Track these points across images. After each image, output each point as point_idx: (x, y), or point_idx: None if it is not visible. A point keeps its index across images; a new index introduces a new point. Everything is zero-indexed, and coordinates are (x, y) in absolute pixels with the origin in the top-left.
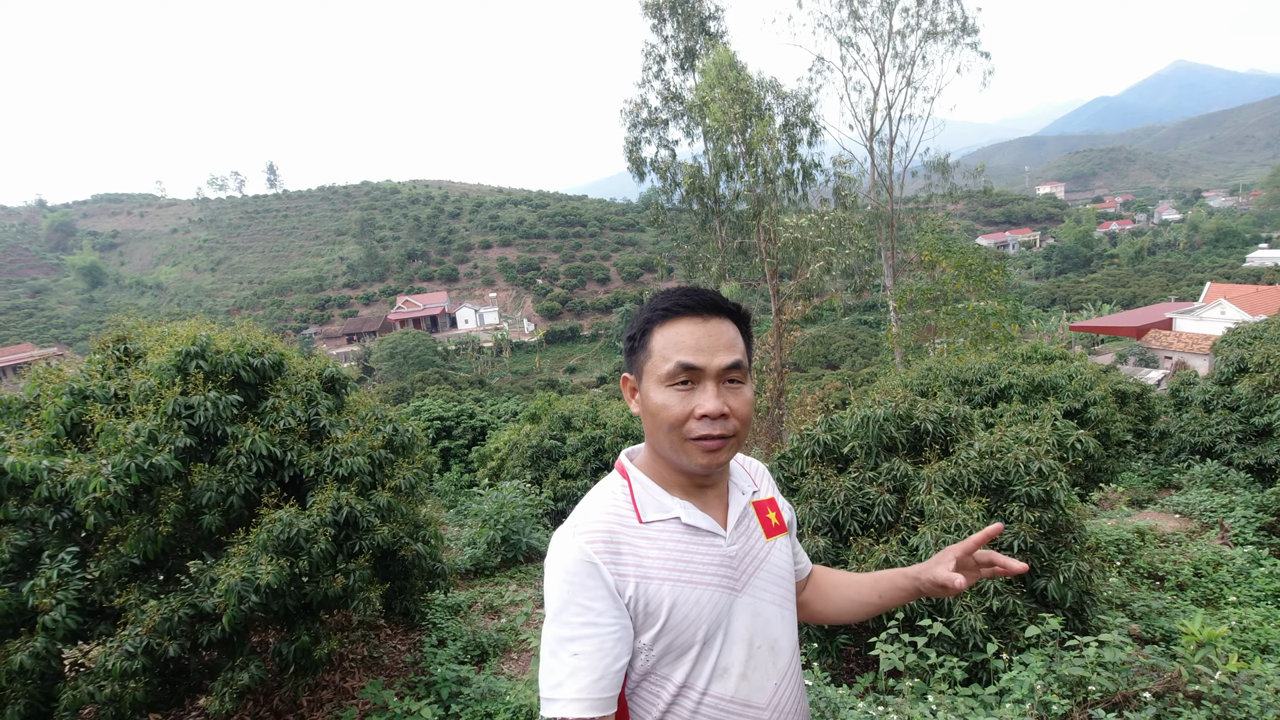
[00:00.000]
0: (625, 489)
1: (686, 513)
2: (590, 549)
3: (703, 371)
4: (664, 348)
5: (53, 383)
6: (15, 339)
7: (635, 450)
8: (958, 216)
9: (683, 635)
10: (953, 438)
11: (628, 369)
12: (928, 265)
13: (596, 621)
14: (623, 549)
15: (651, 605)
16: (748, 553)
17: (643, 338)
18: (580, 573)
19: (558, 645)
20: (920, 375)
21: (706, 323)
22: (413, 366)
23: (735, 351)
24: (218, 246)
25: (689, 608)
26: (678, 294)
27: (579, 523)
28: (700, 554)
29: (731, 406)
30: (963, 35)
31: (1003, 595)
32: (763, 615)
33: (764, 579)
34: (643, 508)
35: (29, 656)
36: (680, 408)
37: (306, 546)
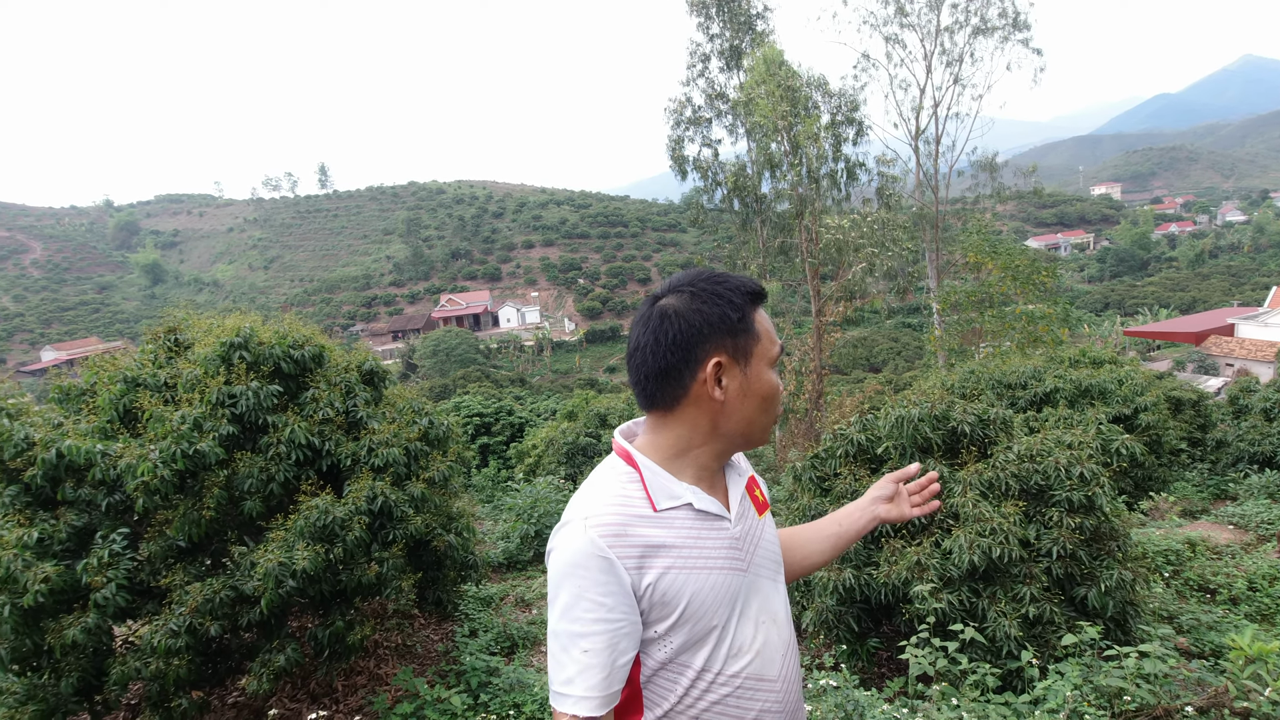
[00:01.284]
0: (634, 476)
1: (697, 499)
2: (603, 542)
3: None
4: (766, 331)
5: (108, 371)
6: (83, 332)
7: (629, 432)
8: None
9: (702, 621)
10: (991, 440)
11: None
12: (973, 267)
13: (608, 617)
14: (637, 540)
15: (669, 595)
16: (748, 532)
17: (744, 321)
18: (593, 567)
19: (569, 641)
20: (962, 378)
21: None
22: (455, 364)
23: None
24: (271, 245)
25: (707, 593)
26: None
27: (589, 514)
28: (711, 539)
29: None
30: (1014, 31)
31: (1040, 602)
32: (763, 591)
33: (762, 556)
34: (655, 496)
35: (81, 631)
36: (780, 389)
37: (342, 534)
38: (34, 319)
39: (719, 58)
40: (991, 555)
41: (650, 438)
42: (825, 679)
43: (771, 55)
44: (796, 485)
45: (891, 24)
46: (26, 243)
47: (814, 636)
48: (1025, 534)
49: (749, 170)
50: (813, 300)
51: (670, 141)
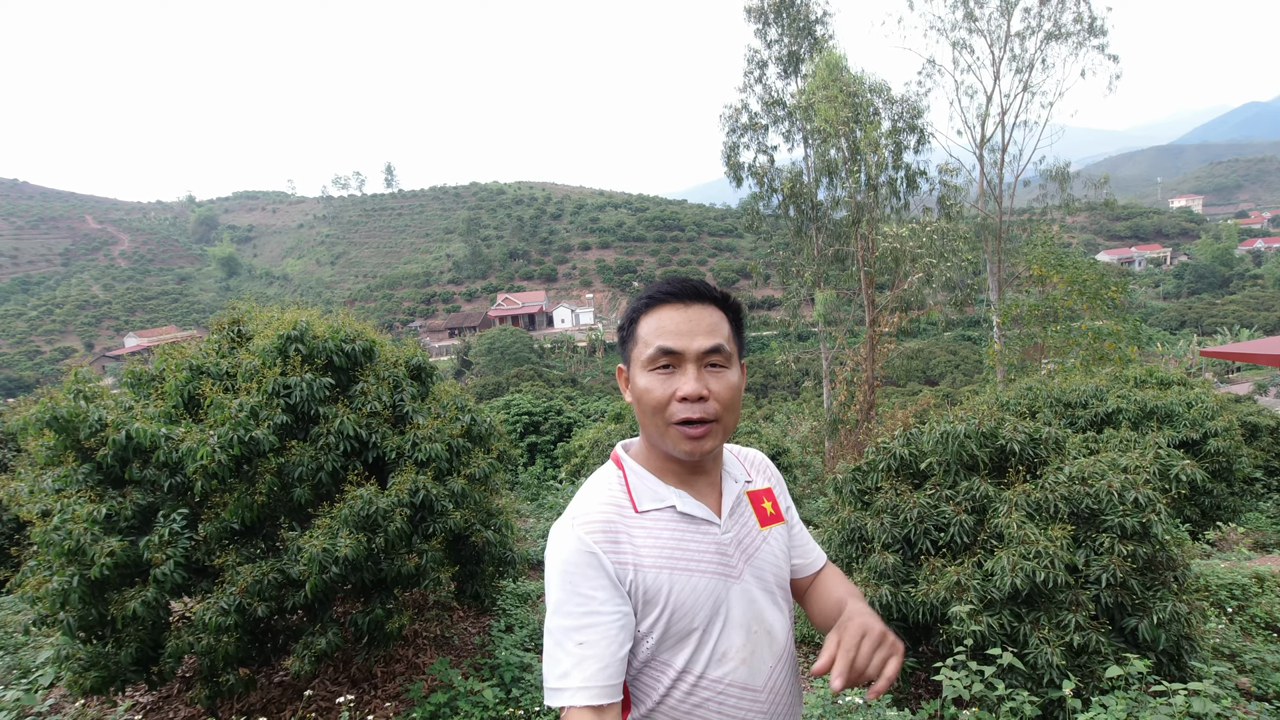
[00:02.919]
0: (620, 479)
1: (681, 501)
2: (590, 539)
3: (682, 355)
4: (647, 334)
5: (175, 359)
6: (163, 321)
7: (630, 442)
8: (1076, 230)
9: (681, 622)
10: (1041, 460)
11: (622, 360)
12: (1038, 280)
13: (599, 610)
14: (621, 538)
15: (650, 593)
16: (741, 540)
17: (630, 327)
18: (581, 563)
19: (562, 636)
20: (1019, 394)
21: (688, 309)
22: (509, 362)
23: (716, 336)
24: (338, 242)
25: (686, 595)
26: (662, 283)
27: (577, 514)
28: (696, 542)
29: (712, 389)
30: (1089, 37)
31: (1085, 631)
32: (757, 602)
33: (758, 566)
34: (638, 497)
35: (141, 605)
36: (661, 390)
37: (384, 524)
38: (120, 307)
39: (776, 64)
40: (1035, 579)
41: (638, 445)
42: (856, 696)
43: (833, 60)
44: (837, 498)
45: (959, 29)
46: (116, 235)
47: None
48: (1073, 559)
49: (805, 177)
50: (867, 310)
51: (725, 148)
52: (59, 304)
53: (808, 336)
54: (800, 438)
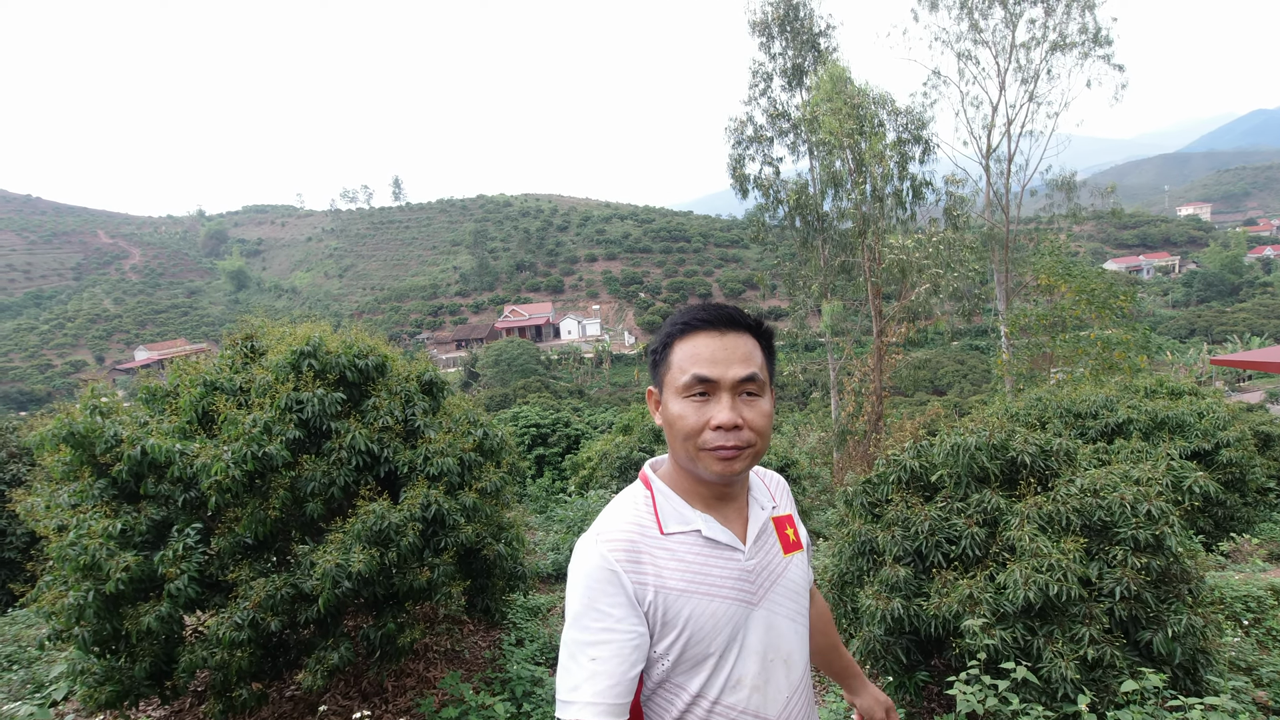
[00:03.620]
0: (648, 499)
1: (707, 526)
2: (612, 556)
3: (718, 383)
4: (681, 360)
5: (189, 374)
6: (173, 334)
7: (659, 461)
8: (1084, 239)
9: (698, 646)
10: (1053, 472)
11: (652, 382)
12: (1045, 289)
13: (615, 628)
14: (643, 558)
15: (669, 615)
16: (765, 567)
17: (663, 352)
18: (601, 579)
19: (576, 649)
20: (1028, 405)
21: (723, 336)
22: (516, 374)
23: (751, 364)
24: (346, 254)
25: (706, 619)
26: (697, 309)
27: (602, 530)
28: (719, 567)
29: (746, 418)
30: (1094, 47)
31: (1100, 645)
32: (777, 629)
33: (780, 594)
34: (664, 519)
35: (155, 619)
36: (696, 418)
37: (396, 539)
38: (130, 320)
39: (781, 76)
40: (1049, 592)
41: (667, 466)
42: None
43: (836, 73)
44: (847, 510)
45: (964, 40)
46: (127, 249)
47: (860, 665)
48: (1086, 572)
49: (811, 188)
50: (874, 320)
51: (731, 160)
52: (70, 317)
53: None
54: (808, 449)
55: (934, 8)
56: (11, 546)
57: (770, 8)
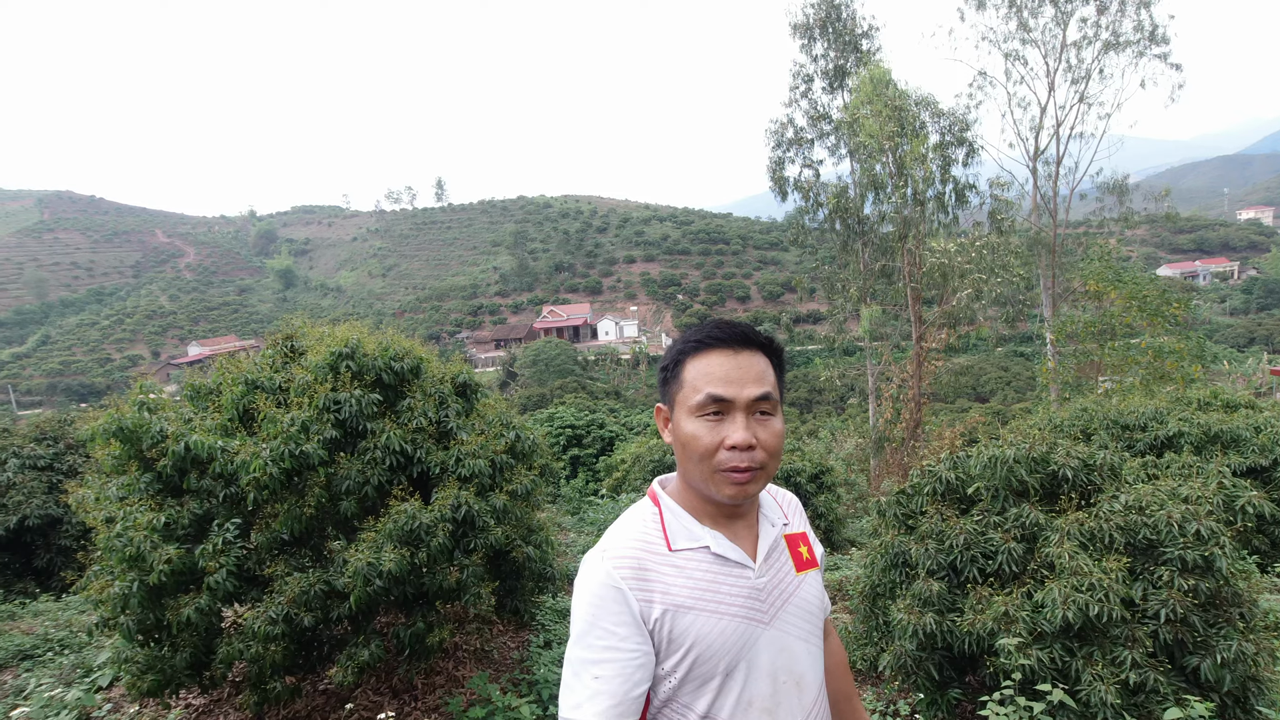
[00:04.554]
0: (656, 516)
1: (716, 542)
2: (617, 574)
3: (732, 403)
4: (695, 379)
5: (232, 373)
6: (224, 330)
7: (668, 478)
8: (1136, 243)
9: (705, 665)
10: (1096, 487)
11: (661, 399)
12: (1094, 296)
13: (619, 646)
14: (650, 576)
15: (676, 633)
16: (776, 585)
17: (675, 369)
18: (606, 597)
19: (580, 667)
20: (1073, 415)
21: (737, 355)
22: (553, 374)
23: (765, 384)
24: (389, 254)
25: (713, 638)
26: (710, 326)
27: (608, 547)
28: (728, 585)
29: (760, 438)
30: (1150, 45)
31: (1143, 669)
32: (789, 650)
33: (792, 613)
34: (672, 535)
35: (195, 611)
36: (710, 438)
37: (426, 539)
38: (184, 317)
39: (822, 78)
40: (1089, 613)
41: (675, 483)
42: None
43: (878, 75)
44: (880, 521)
45: (1012, 40)
46: (183, 248)
47: (890, 681)
48: (1129, 592)
49: (851, 192)
50: (914, 326)
51: (771, 162)
52: (129, 314)
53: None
54: (845, 455)
55: (981, 7)
56: (67, 535)
57: (811, 9)
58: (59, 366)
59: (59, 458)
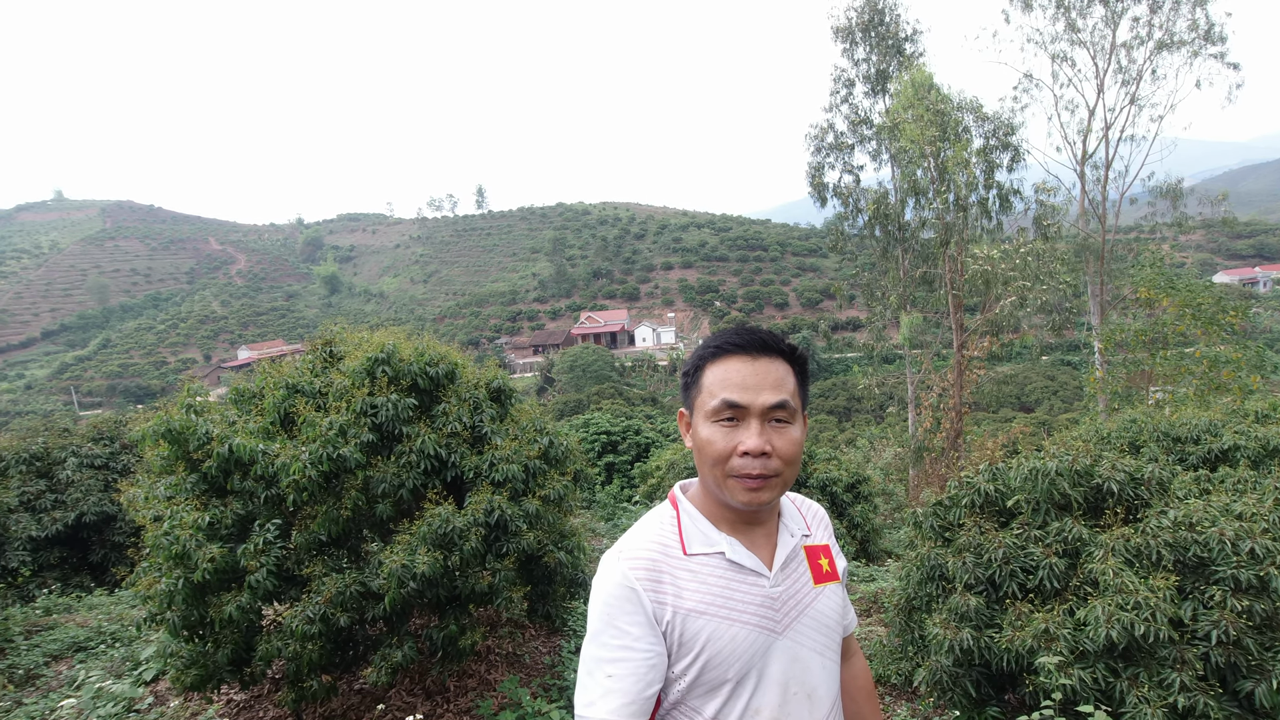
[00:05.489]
0: (673, 519)
1: (731, 549)
2: (632, 575)
3: (747, 409)
4: (712, 384)
5: (274, 377)
6: (272, 335)
7: (690, 483)
8: (1190, 249)
9: (715, 671)
10: (1143, 502)
11: (683, 404)
12: (1145, 303)
13: (632, 646)
14: (664, 578)
15: (687, 637)
16: (792, 595)
17: (695, 374)
18: (620, 597)
19: (594, 665)
20: (1121, 426)
21: (755, 361)
22: (590, 380)
23: (782, 391)
24: (430, 261)
25: (724, 644)
26: (730, 333)
27: (624, 548)
28: (741, 592)
29: (775, 445)
30: (1205, 45)
31: (1192, 693)
32: (802, 661)
33: (807, 624)
34: (688, 539)
35: (237, 609)
36: (724, 443)
37: (460, 543)
38: (235, 321)
39: (864, 82)
40: (1134, 632)
41: (696, 488)
42: None
43: (920, 79)
44: (916, 533)
45: (1059, 41)
46: (234, 254)
47: (926, 697)
48: (1178, 612)
49: (891, 197)
50: (955, 333)
51: (810, 168)
52: (183, 318)
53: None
54: (883, 464)
55: (1027, 8)
56: (120, 531)
57: (854, 13)
58: (118, 369)
59: (114, 457)
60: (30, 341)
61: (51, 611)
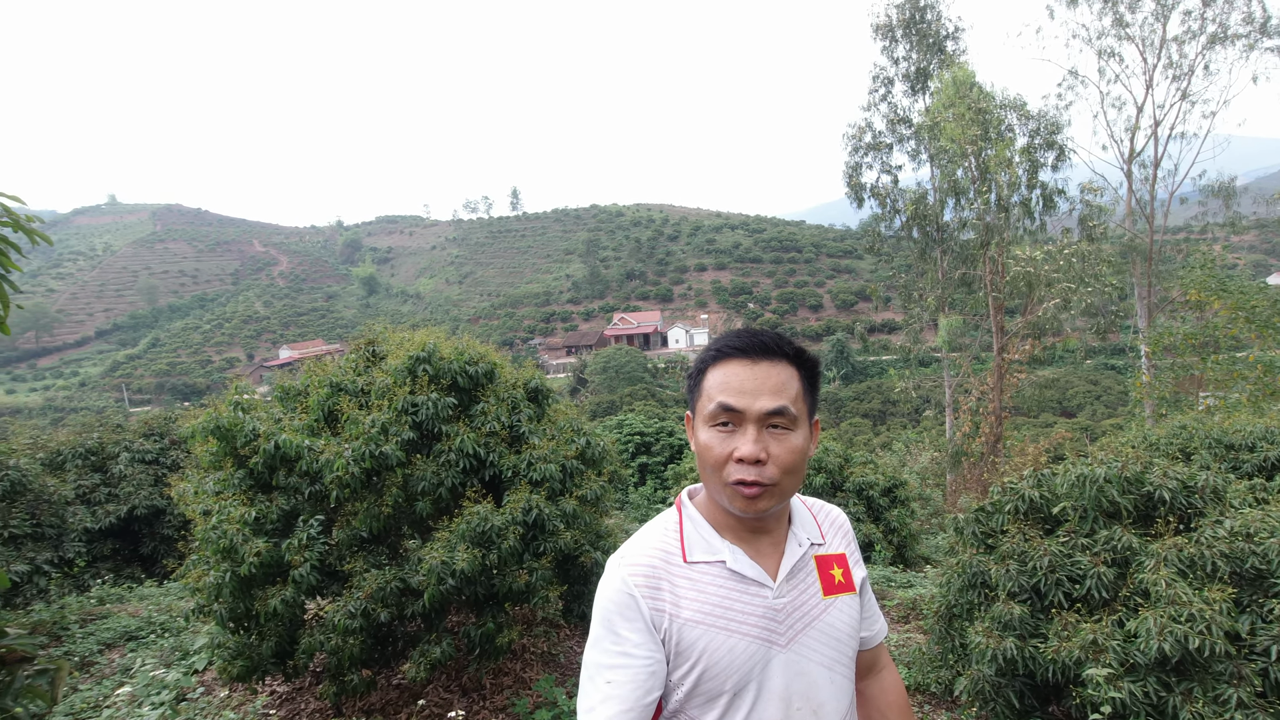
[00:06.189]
0: (677, 526)
1: (733, 558)
2: (632, 581)
3: (743, 414)
4: (711, 388)
5: (318, 376)
6: (312, 335)
7: (696, 488)
8: (1244, 250)
9: (711, 682)
10: (1197, 511)
11: (689, 409)
12: (1195, 306)
13: (631, 653)
14: (663, 586)
15: (684, 645)
16: (798, 607)
17: (697, 377)
18: (620, 603)
19: (595, 671)
20: (1171, 433)
21: (755, 365)
22: (623, 381)
23: (782, 396)
24: (466, 262)
25: (721, 655)
26: (733, 335)
27: (626, 554)
28: (742, 602)
29: (772, 452)
30: (1261, 38)
31: (1251, 710)
32: (807, 675)
33: (814, 638)
34: (690, 547)
35: (281, 602)
36: (721, 449)
37: (498, 541)
38: (276, 321)
39: (903, 81)
40: (1188, 645)
41: (703, 494)
42: None
43: (962, 77)
44: (958, 539)
45: (1107, 36)
46: (277, 256)
47: (967, 707)
48: (1235, 626)
49: (930, 198)
50: (995, 336)
51: (847, 168)
52: (228, 318)
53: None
54: (919, 469)
55: (1073, 3)
56: (169, 525)
57: (895, 10)
58: (165, 367)
59: (164, 452)
60: (85, 340)
61: (105, 601)
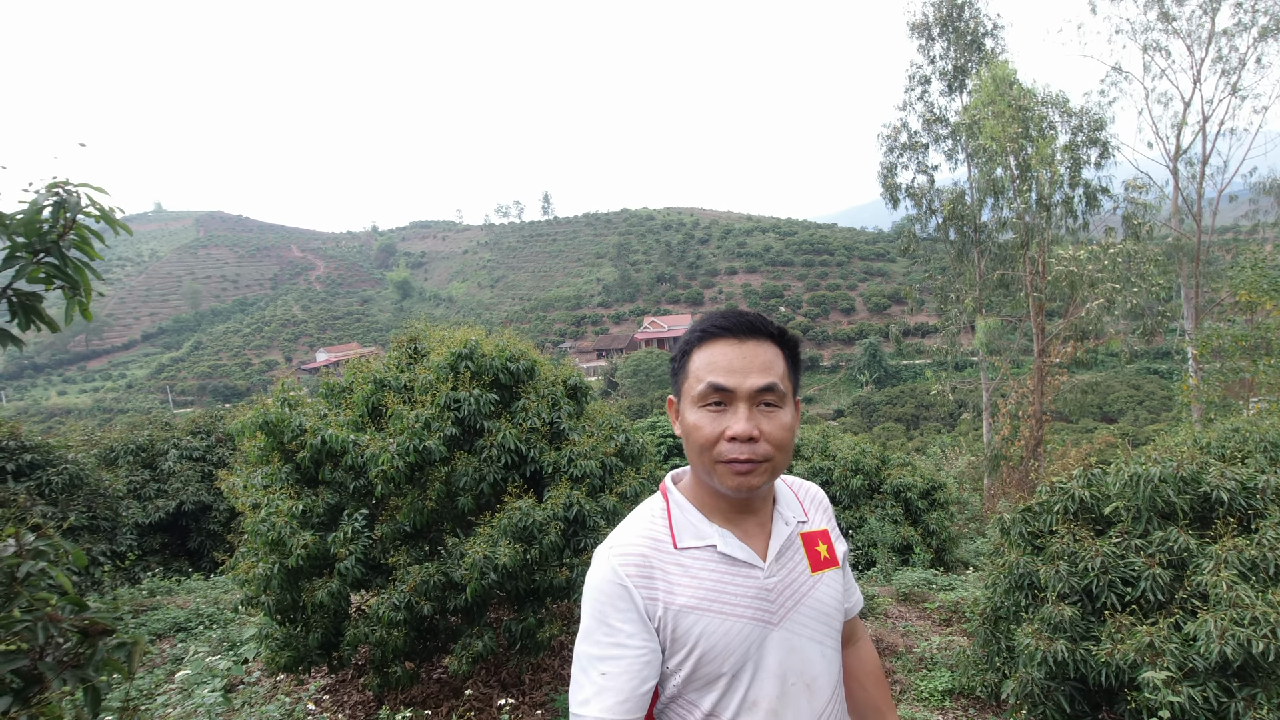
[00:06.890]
0: (664, 511)
1: (723, 541)
2: (623, 570)
3: (734, 393)
4: (698, 369)
5: (362, 372)
6: (348, 338)
7: (681, 472)
8: None
9: (710, 665)
10: (1257, 512)
11: (672, 391)
12: (1245, 307)
13: (624, 644)
14: (655, 573)
15: (679, 632)
16: (788, 585)
17: (682, 360)
18: (611, 594)
19: (588, 663)
20: (1223, 436)
21: (742, 344)
22: (654, 384)
23: (770, 374)
24: (497, 266)
25: (718, 639)
26: (717, 316)
27: (615, 543)
28: (735, 585)
29: (764, 429)
30: None
31: None
32: (800, 651)
33: (804, 614)
34: (679, 533)
35: (327, 594)
36: (711, 428)
37: (539, 536)
38: (313, 325)
39: (940, 79)
40: (1251, 649)
41: (688, 478)
42: None
43: (1001, 74)
44: (1003, 539)
45: (1152, 31)
46: (314, 261)
47: (1015, 711)
48: None
49: (968, 198)
50: (1036, 339)
51: (882, 168)
52: (267, 322)
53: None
54: (956, 473)
55: None
56: (215, 520)
57: (931, 8)
58: (207, 370)
59: (210, 450)
60: (131, 344)
61: (155, 593)
